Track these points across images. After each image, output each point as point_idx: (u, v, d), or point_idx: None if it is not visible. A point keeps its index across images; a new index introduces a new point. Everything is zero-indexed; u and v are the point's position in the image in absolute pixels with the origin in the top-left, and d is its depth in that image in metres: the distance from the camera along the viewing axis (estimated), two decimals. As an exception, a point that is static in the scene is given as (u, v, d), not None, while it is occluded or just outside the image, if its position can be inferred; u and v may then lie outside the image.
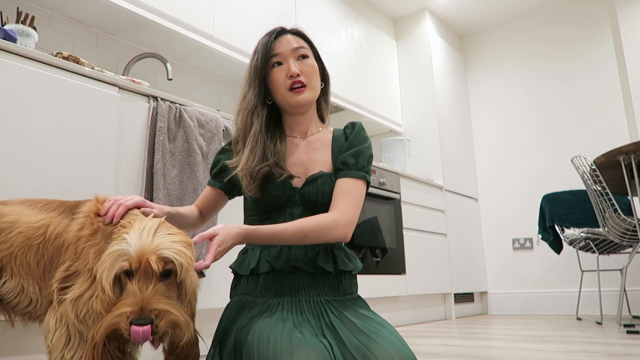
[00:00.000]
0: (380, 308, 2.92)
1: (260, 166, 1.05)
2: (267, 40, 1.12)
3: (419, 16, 4.31)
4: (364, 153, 1.10)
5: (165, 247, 0.79)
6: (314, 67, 1.13)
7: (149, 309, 0.75)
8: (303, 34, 1.17)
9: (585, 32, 4.03)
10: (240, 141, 1.12)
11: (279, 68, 1.11)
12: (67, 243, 0.92)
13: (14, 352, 1.41)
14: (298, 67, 1.10)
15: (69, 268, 0.89)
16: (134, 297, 0.76)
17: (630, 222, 2.53)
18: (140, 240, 0.79)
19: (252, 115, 1.10)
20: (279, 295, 1.02)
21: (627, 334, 2.30)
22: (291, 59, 1.11)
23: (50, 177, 1.51)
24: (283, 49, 1.11)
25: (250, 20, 2.79)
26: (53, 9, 2.24)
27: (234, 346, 0.95)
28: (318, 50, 1.19)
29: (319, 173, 1.08)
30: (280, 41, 1.12)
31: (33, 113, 1.50)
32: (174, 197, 1.82)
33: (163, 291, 0.79)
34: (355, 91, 3.60)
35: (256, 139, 1.08)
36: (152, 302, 0.76)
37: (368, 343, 0.88)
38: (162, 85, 2.65)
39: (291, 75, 1.09)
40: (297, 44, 1.13)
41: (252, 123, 1.10)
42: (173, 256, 0.78)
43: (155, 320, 0.75)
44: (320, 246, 1.06)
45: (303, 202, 1.07)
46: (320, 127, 1.19)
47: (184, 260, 0.80)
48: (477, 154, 4.44)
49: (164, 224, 0.86)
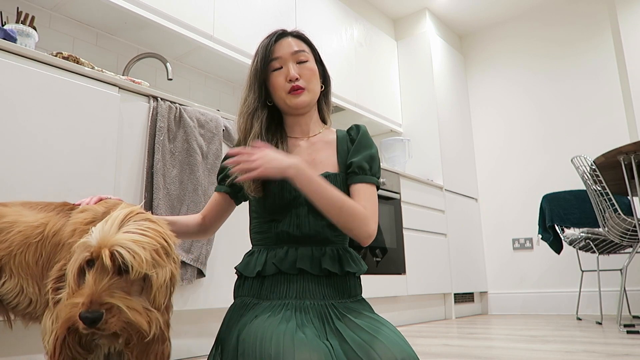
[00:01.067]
0: (380, 308, 2.92)
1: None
2: (267, 43, 1.13)
3: (419, 16, 4.31)
4: (376, 159, 1.13)
5: (119, 243, 0.75)
6: (314, 70, 1.14)
7: (99, 302, 0.72)
8: (304, 36, 1.17)
9: (585, 32, 4.03)
10: (241, 144, 1.12)
11: (279, 71, 1.12)
12: (63, 242, 0.92)
13: (14, 352, 1.41)
14: (297, 71, 1.11)
15: (62, 267, 0.89)
16: (88, 288, 0.73)
17: (630, 222, 2.53)
18: (103, 231, 0.77)
19: (252, 118, 1.11)
20: (284, 297, 1.02)
21: (627, 334, 2.30)
22: (290, 62, 1.11)
23: (50, 177, 1.51)
24: (282, 53, 1.12)
25: (250, 20, 2.79)
26: (53, 9, 2.24)
27: (235, 345, 0.95)
28: (319, 53, 1.19)
29: (325, 173, 1.09)
30: (281, 44, 1.13)
31: (33, 113, 1.50)
32: (174, 197, 1.82)
33: (121, 285, 0.75)
34: (355, 91, 3.60)
35: (257, 141, 1.09)
36: (103, 295, 0.73)
37: (371, 341, 0.88)
38: (162, 85, 2.65)
39: (290, 79, 1.10)
40: (297, 48, 1.13)
41: (252, 126, 1.11)
42: (125, 254, 0.74)
43: (105, 315, 0.71)
44: (327, 248, 1.07)
45: (308, 201, 1.07)
46: (322, 128, 1.19)
47: (135, 261, 0.75)
48: (477, 154, 4.44)
49: (138, 216, 0.83)
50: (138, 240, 0.77)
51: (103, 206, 0.98)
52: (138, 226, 0.80)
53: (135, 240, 0.77)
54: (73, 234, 0.92)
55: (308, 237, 1.06)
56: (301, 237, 1.06)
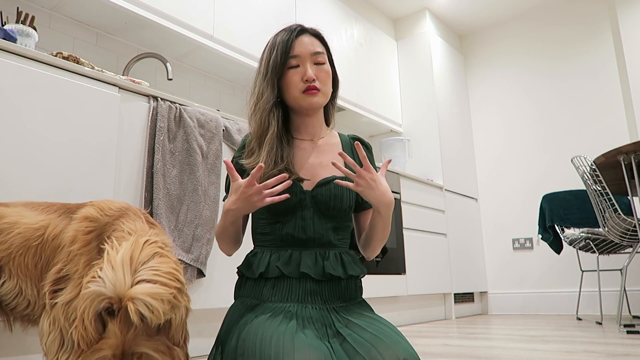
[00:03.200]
0: (380, 308, 2.92)
1: (272, 172, 1.04)
2: (288, 38, 1.10)
3: (419, 16, 4.31)
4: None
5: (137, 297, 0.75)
6: (329, 73, 1.13)
7: (131, 353, 0.75)
8: (322, 36, 1.15)
9: (585, 32, 4.03)
10: (255, 141, 1.10)
11: (295, 70, 1.10)
12: (63, 244, 0.92)
13: (13, 352, 1.41)
14: (314, 72, 1.09)
15: (60, 270, 0.89)
16: (115, 338, 0.76)
17: (630, 222, 2.53)
18: (116, 280, 0.76)
19: (269, 115, 1.09)
20: (285, 300, 1.02)
21: (627, 334, 2.30)
22: (309, 62, 1.09)
23: (50, 177, 1.51)
24: (302, 51, 1.10)
25: (250, 20, 2.79)
26: (53, 9, 2.24)
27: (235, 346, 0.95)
28: (332, 54, 1.18)
29: (332, 177, 1.08)
30: (300, 42, 1.11)
31: (33, 113, 1.50)
32: (174, 197, 1.82)
33: (145, 330, 0.78)
34: (355, 91, 3.60)
35: (273, 141, 1.07)
36: (133, 345, 0.76)
37: (373, 341, 0.88)
38: (162, 85, 2.65)
39: (307, 80, 1.08)
40: (317, 49, 1.11)
41: (269, 124, 1.08)
42: (144, 312, 0.74)
43: None
44: (330, 251, 1.06)
45: (314, 204, 1.06)
46: (325, 130, 1.19)
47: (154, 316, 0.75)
48: (477, 154, 4.44)
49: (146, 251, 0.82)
50: (155, 293, 0.77)
51: (106, 212, 0.97)
52: (152, 272, 0.79)
53: (152, 294, 0.76)
54: (73, 241, 0.92)
55: (312, 240, 1.06)
56: (305, 240, 1.05)
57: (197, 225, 1.86)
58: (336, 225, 1.08)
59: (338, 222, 1.09)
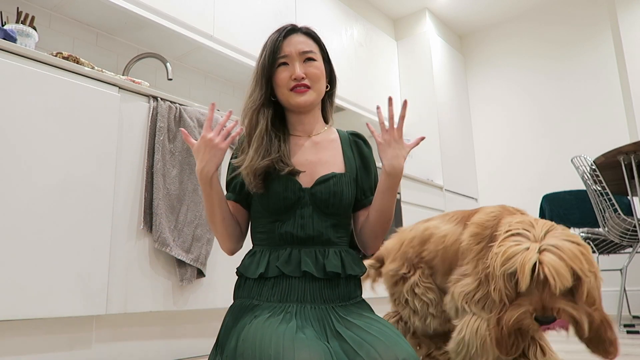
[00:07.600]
0: (380, 308, 2.91)
1: (262, 161, 1.04)
2: (276, 38, 1.10)
3: (418, 16, 4.31)
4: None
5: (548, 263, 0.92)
6: (321, 69, 1.12)
7: (550, 307, 0.92)
8: (314, 34, 1.15)
9: (585, 32, 4.03)
10: (245, 140, 1.11)
11: (284, 67, 1.10)
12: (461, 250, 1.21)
13: (15, 352, 1.41)
14: (303, 70, 1.09)
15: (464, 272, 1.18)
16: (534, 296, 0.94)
17: (630, 222, 2.53)
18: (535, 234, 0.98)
19: (257, 114, 1.09)
20: (285, 300, 1.01)
21: (627, 334, 2.30)
22: (297, 61, 1.09)
23: (50, 177, 1.51)
24: (291, 50, 1.10)
25: (250, 20, 2.79)
26: (53, 9, 2.24)
27: (235, 346, 0.94)
28: (328, 52, 1.17)
29: (331, 174, 1.08)
30: (290, 41, 1.11)
31: (33, 113, 1.50)
32: (173, 197, 1.82)
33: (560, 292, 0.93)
34: (355, 91, 3.60)
35: (262, 138, 1.07)
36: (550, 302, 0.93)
37: (372, 341, 0.88)
38: (162, 85, 2.65)
39: (295, 78, 1.08)
40: (305, 47, 1.11)
41: (257, 122, 1.09)
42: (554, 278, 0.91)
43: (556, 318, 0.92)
44: (330, 250, 1.06)
45: (313, 202, 1.06)
46: (324, 127, 1.18)
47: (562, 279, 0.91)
48: (477, 154, 4.44)
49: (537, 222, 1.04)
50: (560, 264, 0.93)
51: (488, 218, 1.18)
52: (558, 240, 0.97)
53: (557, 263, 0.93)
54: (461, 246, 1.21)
55: (311, 238, 1.05)
56: (305, 238, 1.05)
57: (197, 225, 1.86)
58: (335, 223, 1.08)
59: (337, 220, 1.09)
